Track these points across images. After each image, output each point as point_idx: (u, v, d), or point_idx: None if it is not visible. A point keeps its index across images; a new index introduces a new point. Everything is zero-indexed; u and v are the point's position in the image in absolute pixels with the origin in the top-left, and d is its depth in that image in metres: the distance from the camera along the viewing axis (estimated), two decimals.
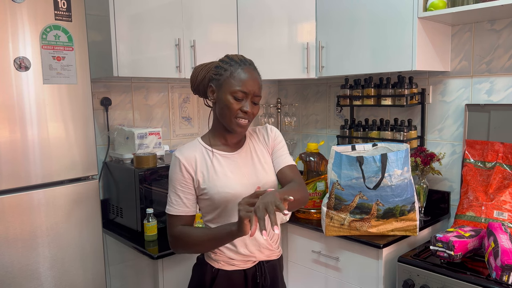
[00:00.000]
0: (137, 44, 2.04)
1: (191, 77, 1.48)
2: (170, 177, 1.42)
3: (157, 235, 2.02)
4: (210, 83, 1.41)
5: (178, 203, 1.40)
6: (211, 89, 1.41)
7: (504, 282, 1.57)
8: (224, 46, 2.39)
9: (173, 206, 1.40)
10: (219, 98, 1.38)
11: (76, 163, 1.72)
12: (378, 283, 1.93)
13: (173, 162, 1.42)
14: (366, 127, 2.49)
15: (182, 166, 1.39)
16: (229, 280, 1.42)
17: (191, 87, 1.50)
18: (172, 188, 1.41)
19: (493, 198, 1.99)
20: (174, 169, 1.41)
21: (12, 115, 1.55)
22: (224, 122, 1.40)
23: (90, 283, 1.79)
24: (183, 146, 1.46)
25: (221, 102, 1.37)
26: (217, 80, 1.38)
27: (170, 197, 1.41)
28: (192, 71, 1.52)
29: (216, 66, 1.41)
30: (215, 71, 1.40)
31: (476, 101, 2.19)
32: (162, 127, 2.55)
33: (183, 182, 1.40)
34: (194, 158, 1.41)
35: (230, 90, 1.35)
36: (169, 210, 1.41)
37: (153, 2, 2.09)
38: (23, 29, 1.55)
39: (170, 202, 1.41)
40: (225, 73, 1.37)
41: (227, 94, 1.36)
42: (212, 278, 1.42)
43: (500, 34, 2.09)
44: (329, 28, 2.39)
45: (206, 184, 1.39)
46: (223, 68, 1.38)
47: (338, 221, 2.01)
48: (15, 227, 1.58)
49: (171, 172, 1.42)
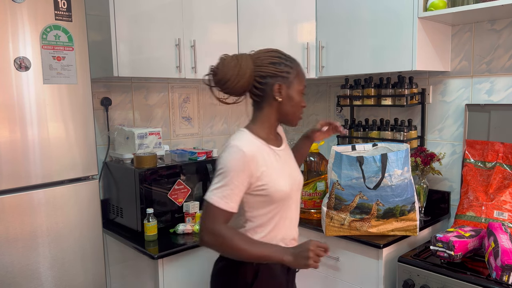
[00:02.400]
0: (137, 44, 2.04)
1: (228, 73, 1.36)
2: (230, 168, 1.32)
3: (157, 235, 2.02)
4: (274, 80, 1.38)
5: (231, 198, 1.32)
6: (278, 87, 1.39)
7: (504, 282, 1.57)
8: (224, 46, 2.39)
9: (224, 200, 1.31)
10: (288, 96, 1.41)
11: (76, 163, 1.72)
12: (378, 283, 1.93)
13: (237, 154, 1.33)
14: (366, 127, 2.49)
15: (247, 161, 1.33)
16: (270, 271, 1.43)
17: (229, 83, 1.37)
18: (229, 180, 1.32)
19: (493, 198, 1.99)
20: (238, 163, 1.32)
21: (12, 115, 1.55)
22: (288, 117, 1.44)
23: (90, 283, 1.79)
24: (239, 139, 1.38)
25: (291, 99, 1.41)
26: (285, 78, 1.39)
27: (223, 189, 1.32)
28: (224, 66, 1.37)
29: (274, 63, 1.38)
30: (276, 69, 1.38)
31: (476, 101, 2.19)
32: (162, 127, 2.55)
33: (243, 178, 1.33)
34: (256, 153, 1.36)
35: (299, 88, 1.42)
36: (218, 203, 1.31)
37: (153, 2, 2.09)
38: (23, 29, 1.55)
39: (221, 195, 1.31)
40: (292, 71, 1.40)
41: (296, 91, 1.41)
42: (255, 273, 1.41)
43: (500, 34, 2.09)
44: (329, 28, 2.39)
45: (266, 180, 1.36)
46: (288, 66, 1.40)
47: (338, 221, 2.01)
48: (15, 227, 1.58)
49: (232, 164, 1.32)
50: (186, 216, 2.17)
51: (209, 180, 2.32)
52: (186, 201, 2.22)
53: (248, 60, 1.38)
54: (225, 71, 1.36)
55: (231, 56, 1.39)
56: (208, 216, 1.33)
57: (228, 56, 1.39)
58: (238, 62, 1.36)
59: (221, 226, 1.31)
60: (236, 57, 1.38)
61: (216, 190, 1.33)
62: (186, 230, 2.09)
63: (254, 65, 1.38)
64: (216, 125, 2.84)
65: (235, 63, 1.36)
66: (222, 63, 1.38)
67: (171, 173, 2.18)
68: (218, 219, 1.32)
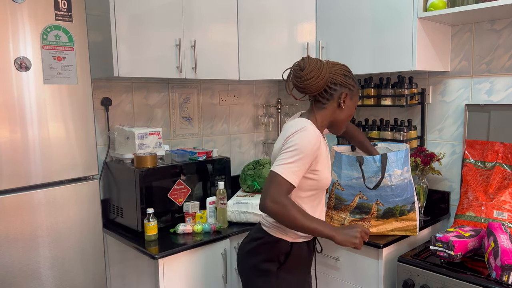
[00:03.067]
0: (137, 44, 2.04)
1: (312, 72, 1.53)
2: (303, 146, 1.47)
3: (157, 235, 2.02)
4: (342, 89, 1.58)
5: (297, 174, 1.47)
6: (345, 95, 1.58)
7: (504, 282, 1.57)
8: (224, 46, 2.39)
9: (293, 174, 1.46)
10: (348, 106, 1.60)
11: (76, 163, 1.72)
12: (378, 283, 1.93)
13: (311, 137, 1.50)
14: (366, 127, 2.50)
15: (317, 146, 1.51)
16: (300, 249, 1.65)
17: (311, 81, 1.53)
18: (299, 157, 1.47)
19: (493, 198, 1.99)
20: (310, 145, 1.48)
21: (12, 115, 1.55)
22: (339, 123, 1.63)
23: (90, 282, 1.79)
24: (307, 124, 1.53)
25: (349, 109, 1.61)
26: (351, 90, 1.59)
27: (293, 163, 1.46)
28: (310, 65, 1.54)
29: (344, 75, 1.58)
30: (346, 81, 1.58)
31: (476, 101, 2.19)
32: (163, 127, 2.56)
33: (310, 159, 1.50)
34: (321, 140, 1.56)
35: (356, 102, 1.63)
36: (286, 175, 1.45)
37: (154, 2, 2.09)
38: (24, 29, 1.56)
39: (290, 168, 1.46)
40: (356, 87, 1.61)
41: (354, 104, 1.62)
42: (288, 250, 1.61)
43: (500, 34, 2.09)
44: (329, 28, 2.39)
45: (320, 167, 1.55)
46: (354, 80, 1.61)
47: (338, 221, 2.01)
48: (15, 227, 1.58)
49: (305, 145, 1.48)
50: (186, 216, 2.17)
51: (209, 180, 2.32)
52: (186, 201, 2.23)
53: (326, 66, 1.57)
54: (310, 69, 1.53)
55: (314, 59, 1.57)
56: (275, 185, 1.46)
57: (312, 58, 1.57)
58: (321, 65, 1.55)
59: (284, 196, 1.45)
60: (318, 60, 1.57)
61: (286, 165, 1.46)
62: (186, 230, 2.09)
63: (329, 72, 1.57)
64: (216, 125, 2.84)
65: (319, 65, 1.54)
66: (308, 62, 1.55)
67: (171, 173, 2.18)
68: (282, 190, 1.45)
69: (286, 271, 1.62)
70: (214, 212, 2.21)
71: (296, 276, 1.65)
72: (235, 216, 2.23)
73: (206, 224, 2.11)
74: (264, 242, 1.63)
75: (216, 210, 2.20)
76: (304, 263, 1.69)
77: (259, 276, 1.62)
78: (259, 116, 3.06)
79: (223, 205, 2.18)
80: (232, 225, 2.21)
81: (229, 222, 2.23)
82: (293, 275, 1.64)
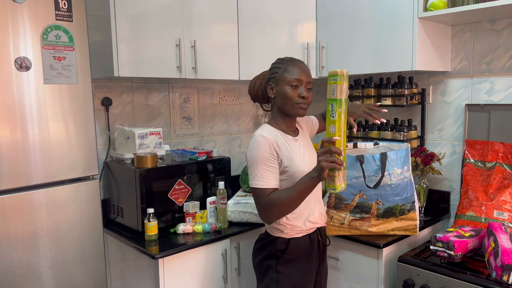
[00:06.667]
0: (137, 44, 2.04)
1: (249, 89, 1.76)
2: (258, 155, 1.55)
3: (157, 235, 2.02)
4: (268, 82, 1.66)
5: (270, 177, 1.55)
6: (270, 87, 1.65)
7: (504, 282, 1.57)
8: (224, 46, 2.39)
9: (265, 181, 1.54)
10: (278, 91, 1.62)
11: (76, 163, 1.72)
12: (378, 283, 1.93)
13: (259, 141, 1.57)
14: (366, 127, 2.50)
15: (271, 145, 1.57)
16: (299, 244, 1.67)
17: (251, 97, 1.78)
18: (261, 165, 1.55)
19: (493, 198, 1.99)
20: (263, 147, 1.56)
21: (13, 115, 1.55)
22: (287, 109, 1.62)
23: (90, 282, 1.79)
24: (261, 130, 1.62)
25: (280, 93, 1.62)
26: (274, 78, 1.64)
27: (261, 173, 1.55)
28: (249, 84, 1.78)
29: (270, 68, 1.67)
30: (270, 72, 1.66)
31: (476, 101, 2.19)
32: (163, 127, 2.56)
33: (272, 159, 1.57)
34: (276, 137, 1.60)
35: (286, 81, 1.60)
36: (261, 185, 1.54)
37: (154, 2, 2.09)
38: (24, 29, 1.56)
39: (260, 178, 1.54)
40: (279, 70, 1.62)
41: (284, 85, 1.60)
42: (285, 246, 1.65)
43: (500, 34, 2.09)
44: (329, 28, 2.39)
45: (289, 163, 1.59)
46: (277, 67, 1.64)
47: (338, 220, 2.01)
48: (16, 227, 1.58)
49: (258, 151, 1.56)
50: (186, 216, 2.17)
51: (209, 180, 2.32)
52: (186, 201, 2.23)
53: (262, 74, 1.73)
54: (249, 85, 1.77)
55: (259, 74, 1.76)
56: (258, 199, 1.57)
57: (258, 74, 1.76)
58: (255, 78, 1.74)
59: (266, 199, 1.54)
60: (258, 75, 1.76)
61: (256, 177, 1.55)
62: (186, 230, 2.09)
63: (262, 77, 1.73)
64: (216, 125, 2.84)
65: (254, 78, 1.74)
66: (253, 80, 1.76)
67: (172, 173, 2.18)
68: (263, 197, 1.54)
69: (285, 265, 1.66)
70: (214, 212, 2.21)
71: (297, 268, 1.67)
72: (235, 216, 2.23)
73: (206, 224, 2.11)
74: (265, 242, 1.71)
75: (216, 210, 2.20)
76: (304, 256, 1.70)
77: (263, 272, 1.70)
78: (259, 116, 3.06)
79: (223, 205, 2.18)
80: (232, 225, 2.21)
81: (229, 222, 2.23)
82: (293, 268, 1.66)
